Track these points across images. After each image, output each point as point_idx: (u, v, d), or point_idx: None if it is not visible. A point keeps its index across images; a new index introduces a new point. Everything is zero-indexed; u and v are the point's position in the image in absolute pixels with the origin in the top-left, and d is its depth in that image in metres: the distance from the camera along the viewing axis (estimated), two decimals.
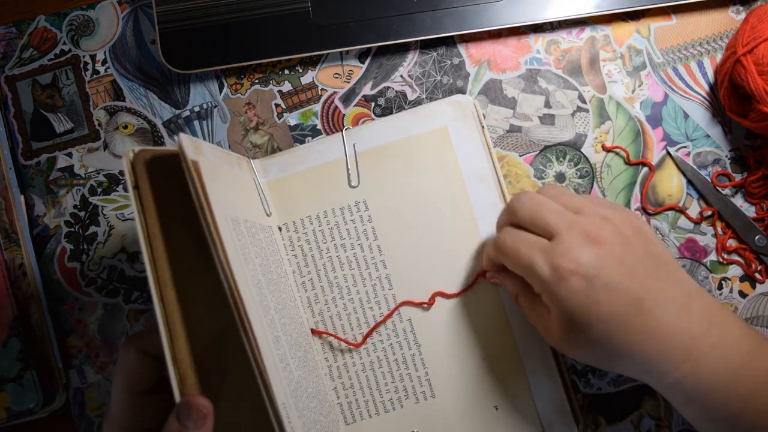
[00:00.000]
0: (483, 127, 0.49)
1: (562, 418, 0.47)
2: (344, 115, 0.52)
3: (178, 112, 0.52)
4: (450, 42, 0.52)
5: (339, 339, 0.47)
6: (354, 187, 0.49)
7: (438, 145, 0.49)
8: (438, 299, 0.47)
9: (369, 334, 0.47)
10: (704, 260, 0.50)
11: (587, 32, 0.52)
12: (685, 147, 0.51)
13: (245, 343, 0.34)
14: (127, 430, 0.40)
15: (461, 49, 0.52)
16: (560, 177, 0.50)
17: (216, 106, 0.52)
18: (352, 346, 0.48)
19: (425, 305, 0.45)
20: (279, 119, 0.52)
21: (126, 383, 0.40)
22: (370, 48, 0.52)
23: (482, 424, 0.47)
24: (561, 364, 0.48)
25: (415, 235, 0.49)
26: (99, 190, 0.52)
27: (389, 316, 0.46)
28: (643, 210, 0.50)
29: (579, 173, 0.51)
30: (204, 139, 0.52)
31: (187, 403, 0.34)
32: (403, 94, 0.52)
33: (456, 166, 0.49)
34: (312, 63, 0.52)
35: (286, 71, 0.52)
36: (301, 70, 0.52)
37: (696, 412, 0.38)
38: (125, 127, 0.52)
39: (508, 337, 0.48)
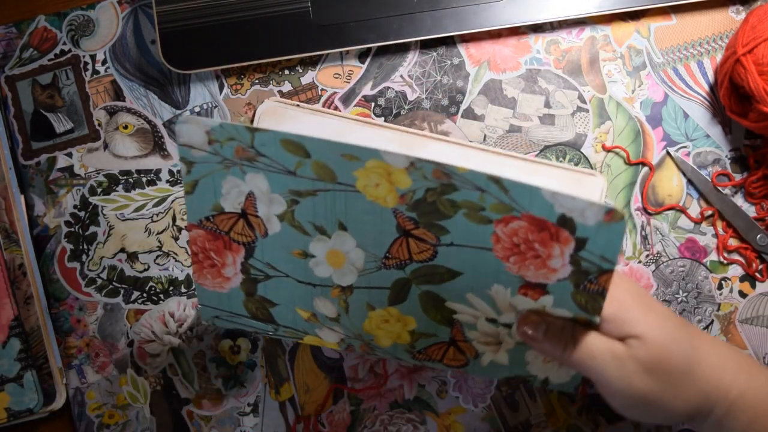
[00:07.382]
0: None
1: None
2: None
3: (178, 112, 0.52)
4: (450, 42, 0.52)
5: None
6: None
7: None
8: None
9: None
10: (704, 260, 0.50)
11: (587, 32, 0.52)
12: (685, 147, 0.51)
13: None
14: None
15: (461, 49, 0.52)
16: None
17: (216, 107, 0.52)
18: None
19: None
20: None
21: None
22: (370, 48, 0.52)
23: None
24: None
25: None
26: (99, 190, 0.52)
27: None
28: (644, 210, 0.50)
29: None
30: None
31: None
32: (403, 94, 0.52)
33: None
34: (312, 63, 0.52)
35: (286, 71, 0.52)
36: (301, 70, 0.52)
37: None
38: (125, 127, 0.52)
39: None
